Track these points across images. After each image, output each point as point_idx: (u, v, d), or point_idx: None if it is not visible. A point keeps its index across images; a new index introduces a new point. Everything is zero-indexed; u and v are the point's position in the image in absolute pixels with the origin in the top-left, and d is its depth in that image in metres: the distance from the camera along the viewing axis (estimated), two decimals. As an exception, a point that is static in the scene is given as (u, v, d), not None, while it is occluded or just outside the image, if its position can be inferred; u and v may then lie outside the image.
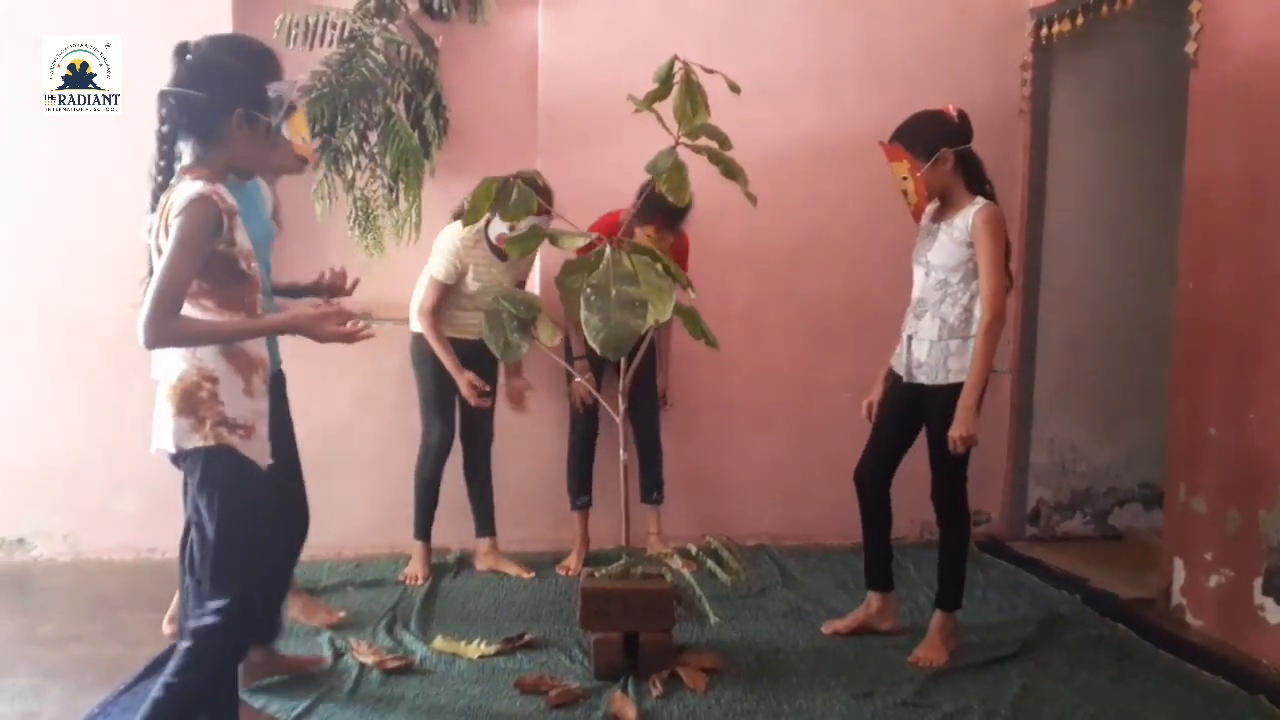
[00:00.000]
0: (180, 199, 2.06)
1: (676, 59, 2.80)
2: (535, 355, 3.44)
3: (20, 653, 3.12)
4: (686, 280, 2.91)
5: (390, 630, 3.30)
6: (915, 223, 3.19)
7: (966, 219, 3.00)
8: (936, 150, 2.99)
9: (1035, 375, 4.48)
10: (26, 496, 3.94)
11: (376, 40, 3.87)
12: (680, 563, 3.19)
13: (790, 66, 4.25)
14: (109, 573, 3.87)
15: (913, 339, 3.14)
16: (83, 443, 3.94)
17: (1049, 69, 4.39)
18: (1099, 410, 4.51)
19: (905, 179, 3.03)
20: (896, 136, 3.05)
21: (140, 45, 3.51)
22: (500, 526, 3.97)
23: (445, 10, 4.00)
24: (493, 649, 3.13)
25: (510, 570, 3.87)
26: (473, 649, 3.12)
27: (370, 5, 3.97)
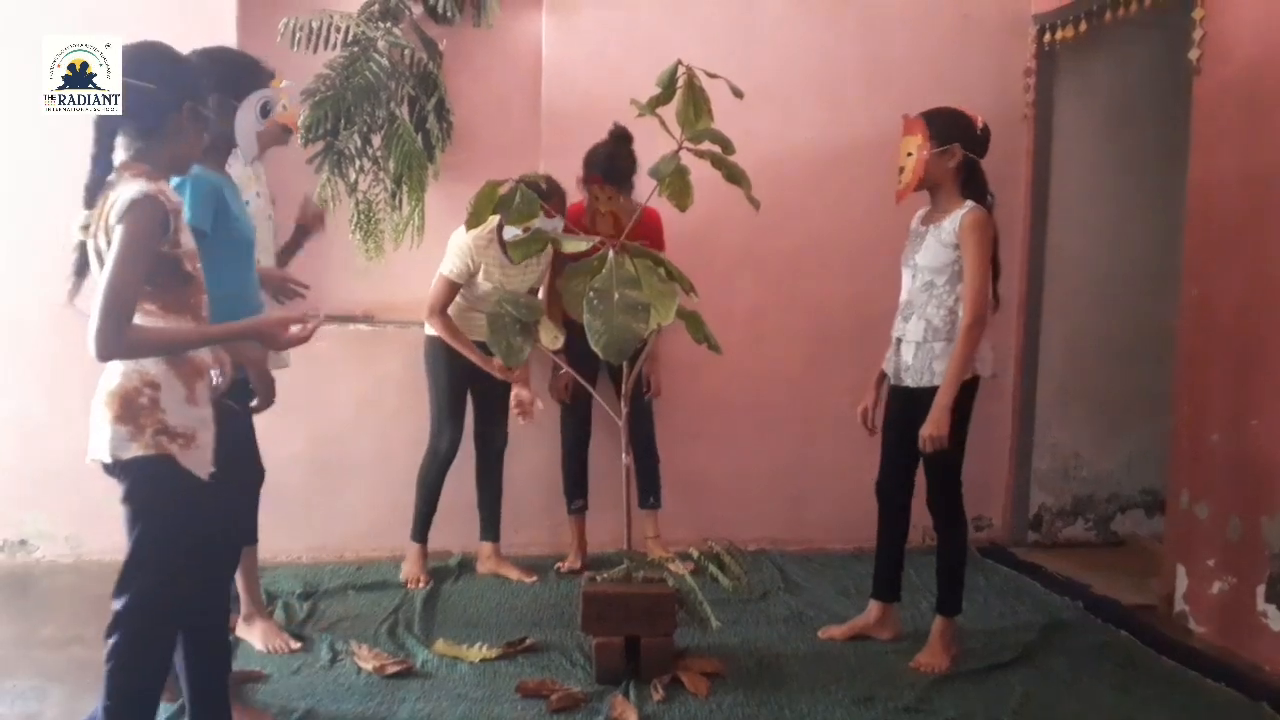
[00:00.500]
0: (123, 200, 1.97)
1: (680, 63, 2.80)
2: (532, 358, 3.44)
3: (22, 655, 3.12)
4: (689, 284, 2.91)
5: (392, 633, 3.30)
6: (897, 204, 3.17)
7: (954, 222, 3.02)
8: (951, 141, 3.01)
9: (1038, 380, 4.48)
10: (28, 498, 3.94)
11: (380, 44, 3.87)
12: (680, 566, 3.19)
13: (793, 72, 4.26)
14: (110, 575, 3.74)
15: (901, 342, 3.15)
16: (84, 445, 3.91)
17: (1052, 75, 4.39)
18: (1101, 416, 4.51)
19: (910, 154, 3.05)
20: (923, 114, 3.07)
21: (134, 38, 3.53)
22: (502, 530, 3.97)
23: (449, 14, 4.00)
24: (494, 653, 3.13)
25: (512, 574, 3.87)
26: (474, 653, 3.12)
27: (374, 9, 3.98)
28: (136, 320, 2.01)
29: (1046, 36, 4.27)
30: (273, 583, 3.68)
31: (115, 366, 2.07)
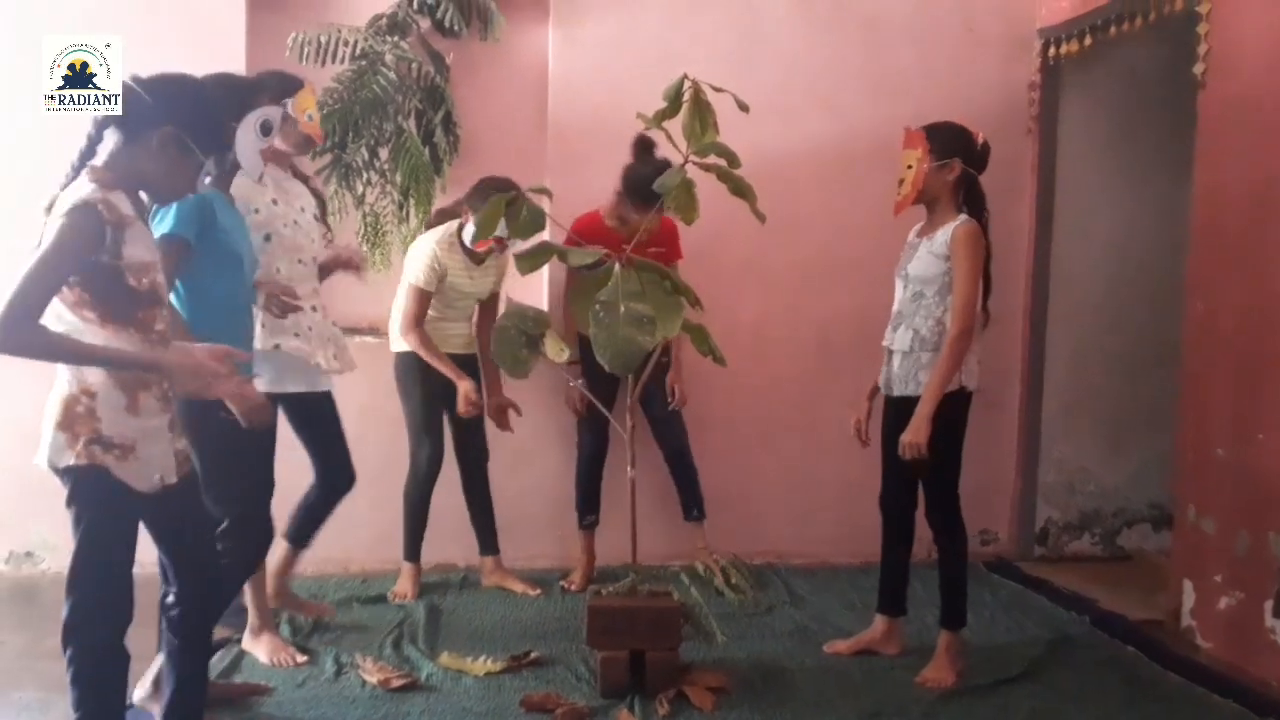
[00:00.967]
0: (65, 201, 1.97)
1: (686, 77, 2.81)
2: (539, 369, 3.44)
3: (26, 666, 3.12)
4: (694, 297, 2.92)
5: (397, 646, 3.29)
6: (895, 216, 3.19)
7: (947, 233, 3.03)
8: (951, 155, 3.03)
9: (1043, 394, 4.47)
10: (34, 510, 3.92)
11: (388, 58, 3.90)
12: (735, 572, 3.10)
13: (798, 85, 4.27)
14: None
15: (891, 352, 3.16)
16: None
17: (1057, 89, 4.40)
18: (1108, 430, 4.50)
19: (910, 167, 3.06)
20: (924, 127, 3.09)
21: (149, 56, 3.56)
22: (506, 543, 3.96)
23: (456, 28, 4.02)
24: (499, 666, 3.12)
25: (516, 587, 3.86)
26: (479, 666, 3.11)
27: (382, 23, 4.01)
28: (74, 322, 2.01)
29: (1051, 50, 4.28)
30: (278, 595, 3.67)
31: (63, 373, 2.07)
